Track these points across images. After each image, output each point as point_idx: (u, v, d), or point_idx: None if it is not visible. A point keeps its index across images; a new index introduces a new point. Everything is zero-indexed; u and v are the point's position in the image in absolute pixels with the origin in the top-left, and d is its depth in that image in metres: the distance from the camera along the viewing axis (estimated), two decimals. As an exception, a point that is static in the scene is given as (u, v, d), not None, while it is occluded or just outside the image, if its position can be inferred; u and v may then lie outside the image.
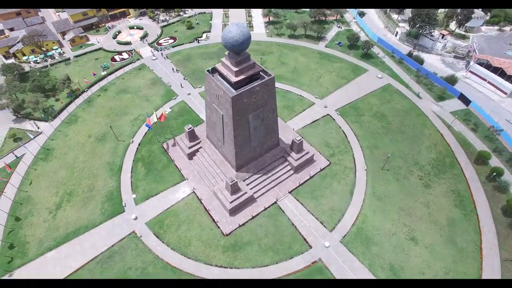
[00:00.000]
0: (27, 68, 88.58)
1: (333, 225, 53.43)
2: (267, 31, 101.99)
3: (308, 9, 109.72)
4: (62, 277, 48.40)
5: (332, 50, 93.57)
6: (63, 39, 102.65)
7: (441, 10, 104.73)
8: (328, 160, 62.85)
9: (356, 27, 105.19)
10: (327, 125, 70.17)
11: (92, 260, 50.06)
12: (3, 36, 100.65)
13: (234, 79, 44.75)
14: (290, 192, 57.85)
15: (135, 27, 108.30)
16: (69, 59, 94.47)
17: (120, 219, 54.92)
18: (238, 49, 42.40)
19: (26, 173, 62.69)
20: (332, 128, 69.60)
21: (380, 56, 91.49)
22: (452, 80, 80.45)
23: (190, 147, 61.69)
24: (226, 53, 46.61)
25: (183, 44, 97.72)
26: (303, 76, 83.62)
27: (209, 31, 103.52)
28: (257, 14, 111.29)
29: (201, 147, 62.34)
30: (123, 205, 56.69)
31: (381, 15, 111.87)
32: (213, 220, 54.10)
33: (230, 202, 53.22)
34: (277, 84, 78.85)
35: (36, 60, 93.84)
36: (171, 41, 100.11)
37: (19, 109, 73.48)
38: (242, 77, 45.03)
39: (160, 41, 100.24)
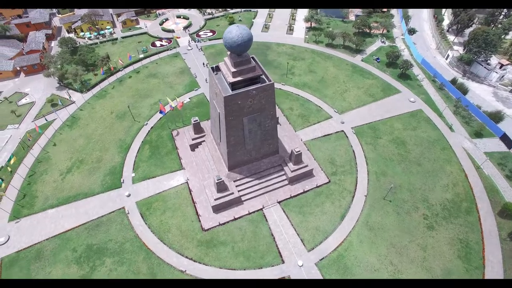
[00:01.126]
0: (80, 43, 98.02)
1: (313, 245, 51.17)
2: (306, 36, 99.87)
3: (350, 19, 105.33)
4: (53, 235, 53.32)
5: (367, 65, 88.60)
6: (117, 20, 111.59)
7: (508, 37, 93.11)
8: (328, 178, 60.09)
9: (402, 45, 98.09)
10: (338, 142, 66.98)
11: (82, 225, 54.39)
12: (71, 13, 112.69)
13: (231, 79, 44.94)
14: (279, 202, 56.61)
15: (181, 17, 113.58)
16: (116, 39, 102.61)
17: (115, 193, 58.71)
18: (236, 50, 42.41)
19: (52, 136, 69.89)
20: (342, 145, 66.26)
21: (419, 79, 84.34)
22: (497, 116, 71.25)
23: (193, 139, 63.47)
24: (228, 52, 46.88)
25: (220, 38, 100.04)
26: (329, 87, 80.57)
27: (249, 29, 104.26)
28: (300, 18, 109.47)
29: (204, 141, 63.74)
30: (122, 181, 60.46)
31: (436, 34, 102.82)
32: (197, 213, 55.22)
33: (215, 199, 53.82)
34: (298, 92, 78.19)
35: (90, 36, 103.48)
36: (210, 34, 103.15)
37: (62, 79, 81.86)
38: (239, 78, 44.96)
39: (200, 33, 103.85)
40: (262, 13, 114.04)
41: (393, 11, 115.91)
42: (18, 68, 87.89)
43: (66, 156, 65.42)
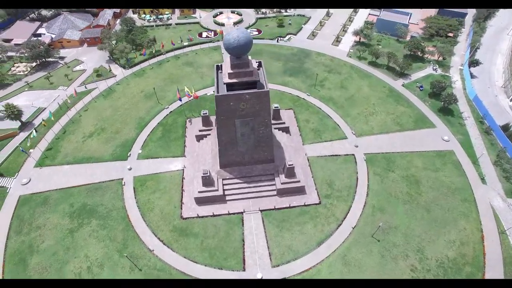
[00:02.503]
0: (138, 24, 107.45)
1: (279, 262, 49.82)
2: (351, 50, 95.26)
3: (407, 40, 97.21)
4: (60, 187, 60.48)
5: (407, 91, 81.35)
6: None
7: None
8: (319, 199, 57.47)
9: (457, 76, 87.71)
10: (344, 165, 63.37)
11: (84, 186, 60.71)
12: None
13: (226, 80, 45.72)
14: (261, 211, 56.05)
15: (235, 12, 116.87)
16: (170, 24, 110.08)
17: (120, 164, 64.06)
18: (232, 52, 42.99)
19: (88, 102, 78.56)
20: (347, 169, 62.51)
21: (463, 116, 74.87)
22: (547, 181, 60.36)
23: (200, 130, 65.88)
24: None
25: (263, 39, 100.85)
26: (355, 107, 76.16)
27: (295, 34, 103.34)
28: (352, 30, 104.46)
29: (209, 134, 65.69)
30: (129, 154, 65.66)
31: (509, 70, 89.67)
32: (181, 200, 57.58)
33: (198, 192, 55.52)
34: (321, 105, 75.77)
35: (149, 19, 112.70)
36: (256, 33, 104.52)
37: (111, 54, 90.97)
38: (234, 80, 45.47)
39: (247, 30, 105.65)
40: (315, 19, 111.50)
41: (461, 37, 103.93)
42: (84, 39, 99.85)
43: (92, 122, 73.12)
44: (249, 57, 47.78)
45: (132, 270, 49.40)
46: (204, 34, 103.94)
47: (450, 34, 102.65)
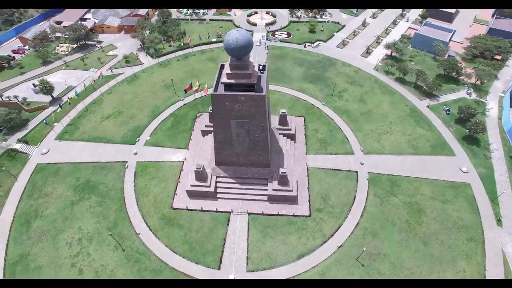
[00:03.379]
0: (174, 16, 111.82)
1: (255, 268, 49.52)
2: (379, 64, 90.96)
3: (440, 57, 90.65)
4: (72, 161, 65.22)
5: (431, 113, 75.87)
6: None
7: None
8: (310, 212, 55.96)
9: (494, 104, 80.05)
10: (343, 181, 60.99)
11: (92, 163, 64.91)
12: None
13: (224, 79, 46.18)
14: (248, 214, 55.96)
15: (270, 13, 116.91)
16: (204, 19, 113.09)
17: (127, 148, 67.52)
18: (230, 53, 43.27)
19: (113, 86, 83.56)
20: (346, 186, 60.09)
21: (491, 148, 68.23)
22: None
23: (206, 126, 67.12)
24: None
25: (291, 42, 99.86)
26: (370, 123, 72.73)
27: (325, 41, 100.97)
28: (386, 42, 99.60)
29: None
30: (137, 140, 68.92)
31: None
32: (175, 191, 59.31)
33: (191, 185, 56.79)
34: (334, 116, 74.09)
35: (186, 13, 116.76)
36: (285, 36, 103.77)
37: (143, 42, 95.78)
38: (231, 81, 45.75)
39: (277, 33, 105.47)
40: (349, 28, 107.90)
41: (511, 62, 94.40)
42: (122, 26, 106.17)
43: (112, 105, 77.75)
44: (251, 59, 47.73)
45: (116, 249, 52.03)
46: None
47: (498, 57, 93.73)
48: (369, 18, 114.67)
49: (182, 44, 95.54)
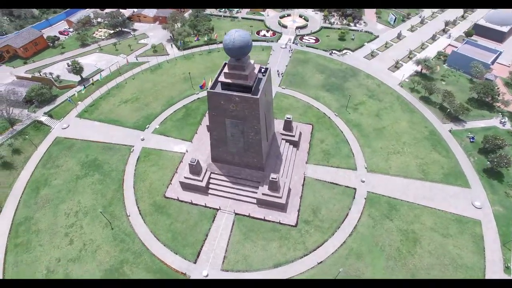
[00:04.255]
0: (208, 11, 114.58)
1: (229, 268, 49.60)
2: (406, 80, 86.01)
3: (477, 80, 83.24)
4: (85, 139, 69.80)
5: (453, 139, 70.24)
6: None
7: None
8: (296, 223, 54.78)
9: (530, 137, 72.13)
10: (339, 196, 58.80)
11: (102, 143, 68.96)
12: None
13: (221, 78, 46.67)
14: (235, 213, 56.17)
15: (303, 17, 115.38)
16: (237, 18, 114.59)
17: (136, 133, 70.77)
18: (228, 54, 43.44)
19: (136, 73, 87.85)
20: (341, 202, 57.88)
21: (513, 187, 61.84)
22: None
23: (211, 122, 68.22)
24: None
25: (317, 48, 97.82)
26: (381, 140, 69.19)
27: (352, 51, 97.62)
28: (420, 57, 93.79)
29: (219, 128, 67.62)
30: (147, 126, 71.99)
31: None
32: (170, 180, 61.17)
33: (184, 177, 58.19)
34: (344, 129, 71.83)
35: (221, 9, 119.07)
36: (313, 41, 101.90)
37: (172, 34, 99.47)
38: (228, 80, 46.06)
39: (305, 37, 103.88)
40: (382, 39, 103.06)
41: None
42: (157, 17, 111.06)
43: (132, 91, 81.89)
44: (251, 61, 47.61)
45: (106, 226, 54.99)
46: (262, 33, 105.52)
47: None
48: (406, 30, 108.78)
49: (209, 40, 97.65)
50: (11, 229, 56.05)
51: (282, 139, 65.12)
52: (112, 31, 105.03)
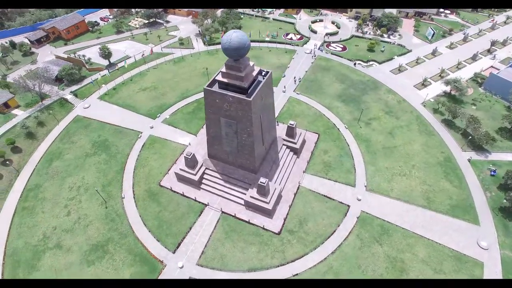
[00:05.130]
0: (240, 10, 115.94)
1: (204, 264, 50.21)
2: (430, 100, 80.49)
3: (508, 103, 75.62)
4: (101, 120, 74.31)
5: (470, 169, 64.41)
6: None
7: None
8: (279, 231, 53.93)
9: None
10: (330, 211, 56.78)
11: (114, 126, 73.12)
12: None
13: (219, 77, 47.21)
14: (222, 212, 56.69)
15: (335, 23, 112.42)
16: (268, 18, 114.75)
17: (147, 120, 74.06)
18: (224, 53, 43.76)
19: (159, 64, 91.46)
20: (330, 218, 55.90)
21: (531, 233, 55.40)
22: None
23: (217, 119, 69.24)
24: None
25: (342, 57, 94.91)
26: (388, 159, 65.56)
27: (379, 63, 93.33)
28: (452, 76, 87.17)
29: (223, 125, 68.46)
30: (158, 115, 74.98)
31: None
32: (168, 170, 63.18)
33: (179, 169, 59.78)
34: (351, 142, 68.95)
35: (258, 10, 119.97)
36: (339, 49, 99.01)
37: (201, 29, 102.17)
38: (225, 80, 46.50)
39: (332, 44, 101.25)
40: (414, 54, 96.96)
41: None
42: (191, 11, 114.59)
43: (152, 80, 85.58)
44: (251, 63, 47.52)
45: (102, 205, 58.33)
46: (290, 36, 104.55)
47: None
48: (444, 47, 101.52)
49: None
50: (23, 193, 61.54)
51: (284, 144, 64.32)
52: (146, 21, 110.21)
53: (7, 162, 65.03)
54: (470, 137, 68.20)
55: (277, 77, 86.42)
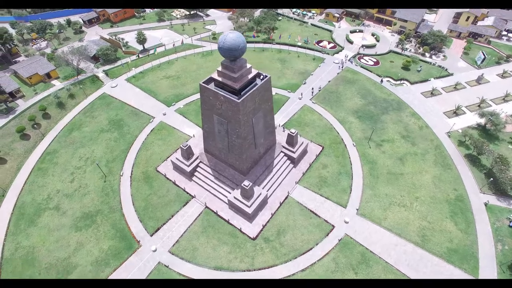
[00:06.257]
0: (280, 11, 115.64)
1: (175, 252, 51.71)
2: (458, 131, 73.10)
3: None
4: (123, 100, 79.65)
5: (484, 214, 57.49)
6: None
7: None
8: (255, 236, 53.47)
9: None
10: (312, 228, 54.78)
11: (132, 107, 77.93)
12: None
13: (214, 75, 47.97)
14: (206, 206, 57.78)
15: (375, 36, 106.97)
16: (306, 23, 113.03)
17: (162, 107, 78.13)
18: (219, 52, 44.33)
19: (189, 54, 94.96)
20: (310, 235, 53.93)
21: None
22: None
23: (224, 115, 70.32)
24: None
25: (371, 72, 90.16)
26: (390, 187, 61.15)
27: (411, 83, 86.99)
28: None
29: (228, 123, 69.37)
30: (173, 104, 78.60)
31: None
32: (168, 157, 65.85)
33: (176, 158, 61.99)
34: (355, 161, 65.58)
35: (298, 13, 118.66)
36: (372, 63, 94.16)
37: (235, 27, 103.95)
38: (219, 78, 47.14)
39: (365, 57, 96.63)
40: (454, 78, 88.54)
41: None
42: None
43: (177, 69, 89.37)
44: (248, 66, 47.49)
45: (101, 179, 62.84)
46: (324, 43, 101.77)
47: None
48: (494, 75, 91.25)
49: (267, 38, 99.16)
50: (42, 155, 68.50)
51: (282, 151, 63.39)
52: (188, 13, 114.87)
53: (35, 125, 72.69)
54: (492, 178, 60.96)
55: (297, 83, 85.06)
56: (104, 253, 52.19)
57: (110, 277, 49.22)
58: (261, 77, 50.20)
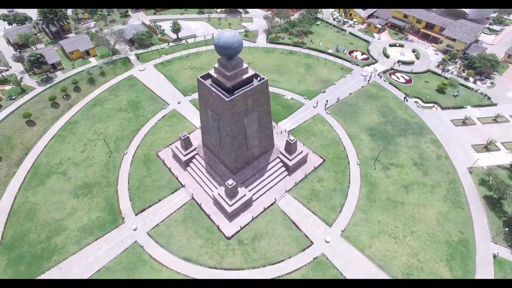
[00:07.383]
0: (319, 15, 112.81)
1: (153, 236, 53.79)
2: (483, 167, 65.24)
3: None
4: (145, 84, 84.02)
5: (490, 264, 50.71)
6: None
7: None
8: (231, 237, 53.43)
9: None
10: (290, 240, 53.12)
11: (152, 92, 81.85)
12: None
13: (211, 71, 48.52)
14: (192, 197, 58.97)
15: (415, 53, 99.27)
16: (345, 30, 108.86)
17: (179, 95, 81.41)
18: (215, 49, 44.59)
19: (209, 51, 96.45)
20: (286, 246, 52.37)
21: None
22: None
23: (231, 112, 70.76)
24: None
25: (399, 89, 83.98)
26: (385, 214, 56.70)
27: (442, 108, 79.42)
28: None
29: (234, 120, 69.72)
30: (189, 94, 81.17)
31: None
32: (170, 144, 68.21)
33: (175, 146, 64.03)
34: (355, 180, 62.68)
35: (337, 17, 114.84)
36: (403, 80, 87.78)
37: (269, 27, 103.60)
38: (214, 75, 47.60)
39: (397, 73, 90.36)
40: (498, 109, 78.75)
41: None
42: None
43: (202, 62, 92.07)
44: (245, 65, 47.10)
45: (107, 154, 67.30)
46: (356, 54, 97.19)
47: None
48: (546, 113, 79.73)
49: (297, 41, 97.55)
50: (64, 124, 75.24)
51: (278, 157, 62.21)
52: (227, 9, 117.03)
53: (65, 96, 79.86)
54: (508, 228, 53.68)
55: (316, 90, 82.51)
56: (91, 222, 56.02)
57: (90, 246, 52.57)
58: (258, 78, 49.59)
